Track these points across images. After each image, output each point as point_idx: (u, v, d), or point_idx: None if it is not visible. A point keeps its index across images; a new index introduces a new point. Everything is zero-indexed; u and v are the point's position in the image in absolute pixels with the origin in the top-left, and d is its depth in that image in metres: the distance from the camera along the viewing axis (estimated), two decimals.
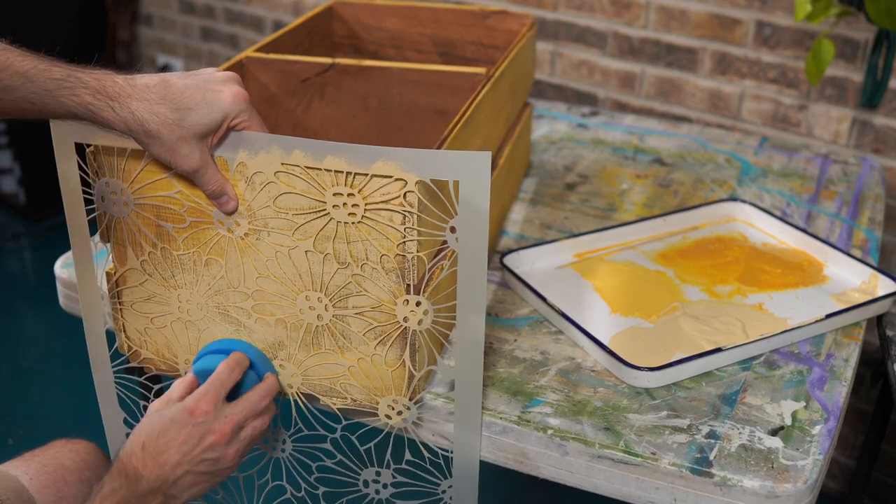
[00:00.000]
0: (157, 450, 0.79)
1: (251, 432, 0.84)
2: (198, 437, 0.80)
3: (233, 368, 0.86)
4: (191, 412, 0.80)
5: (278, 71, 1.16)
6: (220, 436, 0.81)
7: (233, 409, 0.83)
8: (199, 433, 0.80)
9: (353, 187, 0.80)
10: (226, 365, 0.86)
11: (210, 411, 0.81)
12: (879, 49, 1.53)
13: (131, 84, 0.79)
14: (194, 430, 0.80)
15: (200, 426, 0.80)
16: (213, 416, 0.81)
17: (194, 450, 0.80)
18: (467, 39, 1.37)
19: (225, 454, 0.82)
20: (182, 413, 0.80)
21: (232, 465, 0.83)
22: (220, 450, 0.81)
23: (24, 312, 2.43)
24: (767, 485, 0.82)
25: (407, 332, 0.86)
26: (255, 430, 0.85)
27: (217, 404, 0.82)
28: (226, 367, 0.85)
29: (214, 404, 0.82)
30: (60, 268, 1.14)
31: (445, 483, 0.92)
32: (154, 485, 0.79)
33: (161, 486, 0.79)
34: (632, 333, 1.03)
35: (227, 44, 2.58)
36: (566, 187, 1.40)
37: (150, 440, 0.79)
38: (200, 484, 0.82)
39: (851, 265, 1.15)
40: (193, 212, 0.87)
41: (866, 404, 1.75)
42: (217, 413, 0.82)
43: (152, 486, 0.78)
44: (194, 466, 0.80)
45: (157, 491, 0.79)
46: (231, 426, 0.82)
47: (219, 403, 0.82)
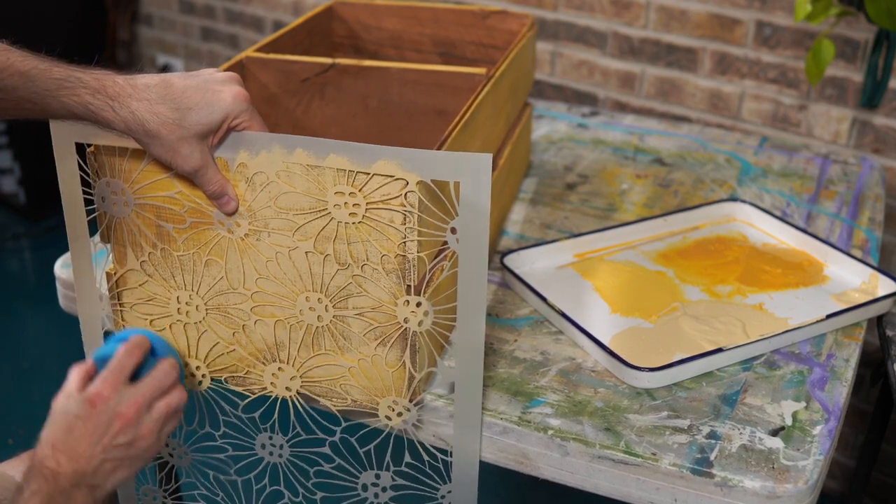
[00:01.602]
0: (69, 446, 0.77)
1: (164, 409, 0.82)
2: (104, 425, 0.78)
3: (131, 351, 0.83)
4: (91, 402, 0.78)
5: (278, 71, 1.16)
6: (125, 419, 0.79)
7: (136, 389, 0.81)
8: (104, 421, 0.78)
9: (354, 187, 0.80)
10: (124, 348, 0.83)
11: (110, 397, 0.79)
12: (879, 49, 1.53)
13: (131, 84, 0.79)
14: (99, 419, 0.78)
15: (104, 414, 0.78)
16: (116, 400, 0.79)
17: (104, 438, 0.78)
18: (467, 39, 1.37)
19: (138, 435, 0.80)
20: (83, 406, 0.78)
21: (151, 443, 0.81)
22: (132, 431, 0.79)
23: (24, 312, 2.43)
24: (768, 485, 0.82)
25: (407, 333, 0.85)
26: (169, 406, 0.82)
27: (118, 389, 0.79)
28: (124, 350, 0.83)
29: (114, 389, 0.79)
30: (60, 268, 1.14)
31: (445, 487, 0.92)
32: (74, 479, 0.77)
33: (82, 478, 0.77)
34: (632, 333, 1.03)
35: (227, 44, 2.58)
36: (566, 187, 1.40)
37: (58, 440, 0.77)
38: (123, 468, 0.80)
39: (851, 265, 1.15)
40: (194, 212, 0.87)
41: (866, 404, 1.75)
42: (119, 397, 0.79)
43: (73, 480, 0.77)
44: (109, 454, 0.78)
45: (80, 484, 0.77)
46: (136, 406, 0.80)
47: (119, 387, 0.80)
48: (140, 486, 1.06)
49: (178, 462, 1.02)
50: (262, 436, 0.96)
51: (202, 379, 0.95)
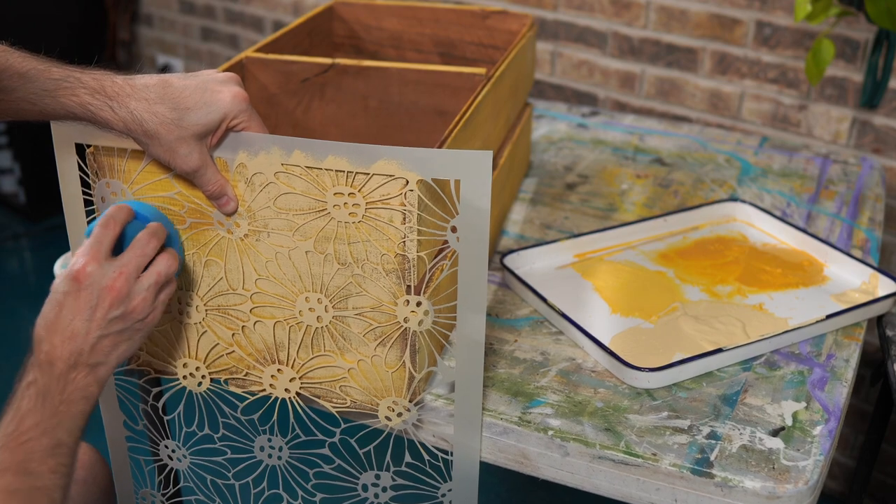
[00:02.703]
0: (61, 326, 0.75)
1: (154, 277, 0.80)
2: (94, 299, 0.76)
3: (107, 223, 0.80)
4: (76, 278, 0.76)
5: (278, 71, 1.16)
6: (115, 291, 0.77)
7: (119, 261, 0.78)
8: (93, 296, 0.76)
9: (354, 187, 0.80)
10: (100, 220, 0.80)
11: (94, 271, 0.76)
12: (879, 49, 1.53)
13: (130, 84, 0.79)
14: (87, 294, 0.76)
15: (91, 288, 0.76)
16: (101, 273, 0.77)
17: (96, 313, 0.76)
18: (467, 39, 1.37)
19: (132, 307, 0.78)
20: (68, 282, 0.76)
21: (148, 313, 0.80)
22: (124, 304, 0.77)
23: (24, 312, 2.43)
24: (768, 485, 0.82)
25: (407, 333, 0.85)
26: (159, 274, 0.81)
27: (100, 262, 0.77)
28: (100, 222, 0.80)
29: (97, 262, 0.77)
30: (60, 268, 1.14)
31: (445, 486, 0.92)
32: (71, 360, 0.75)
33: (79, 358, 0.75)
34: (632, 334, 1.03)
35: (227, 44, 2.58)
36: (566, 187, 1.40)
37: (49, 321, 0.76)
38: (124, 342, 0.79)
39: (852, 265, 1.15)
40: (193, 213, 0.87)
41: (866, 404, 1.75)
42: (103, 270, 0.77)
43: (69, 362, 0.75)
44: (105, 329, 0.77)
45: (78, 364, 0.76)
46: (123, 277, 0.77)
47: (102, 260, 0.77)
48: (139, 490, 1.06)
49: (178, 465, 1.02)
50: (261, 438, 0.96)
51: (202, 380, 0.95)
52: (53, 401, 0.74)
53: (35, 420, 0.73)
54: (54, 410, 0.74)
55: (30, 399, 0.74)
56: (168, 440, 1.02)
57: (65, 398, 0.75)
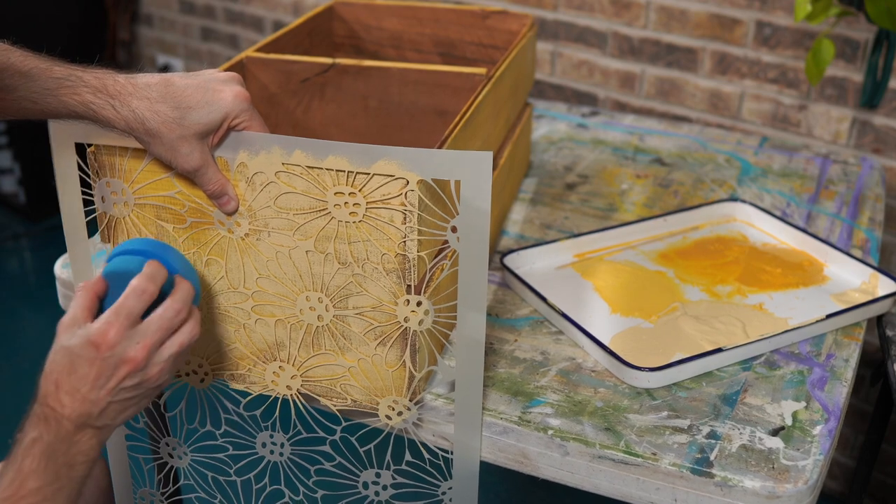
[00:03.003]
0: (73, 387, 0.73)
1: (175, 349, 0.78)
2: (111, 369, 0.74)
3: (142, 293, 0.77)
4: (96, 346, 0.73)
5: (278, 71, 1.16)
6: (133, 364, 0.75)
7: (144, 332, 0.76)
8: (110, 366, 0.74)
9: (354, 186, 0.81)
10: (133, 289, 0.77)
11: (117, 343, 0.74)
12: (879, 49, 1.53)
13: (132, 83, 0.79)
14: (104, 364, 0.74)
15: (110, 360, 0.74)
16: (123, 346, 0.74)
17: (109, 382, 0.74)
18: (467, 39, 1.37)
19: (146, 377, 0.76)
20: (87, 348, 0.73)
21: (160, 382, 0.78)
22: (139, 376, 0.75)
23: (24, 312, 2.43)
24: (768, 485, 0.82)
25: (407, 333, 0.86)
26: (181, 345, 0.78)
27: (125, 333, 0.75)
28: (133, 291, 0.76)
29: (122, 334, 0.74)
30: (60, 268, 1.14)
31: (445, 485, 0.92)
32: (79, 421, 0.73)
33: (87, 420, 0.74)
34: (632, 333, 1.03)
35: (227, 44, 2.58)
36: (566, 187, 1.40)
37: (62, 378, 0.73)
38: (130, 408, 0.77)
39: (851, 265, 1.15)
40: (194, 212, 0.87)
41: (866, 404, 1.75)
42: (126, 341, 0.74)
43: (77, 423, 0.73)
44: (115, 396, 0.75)
45: (85, 426, 0.74)
46: (145, 351, 0.75)
47: (127, 332, 0.75)
48: (137, 489, 1.06)
49: (178, 462, 1.02)
50: (263, 434, 0.96)
51: (204, 377, 0.95)
52: (57, 463, 0.72)
53: (37, 484, 0.71)
54: (57, 474, 0.72)
55: (33, 459, 0.71)
56: (169, 437, 1.02)
57: (68, 460, 0.73)
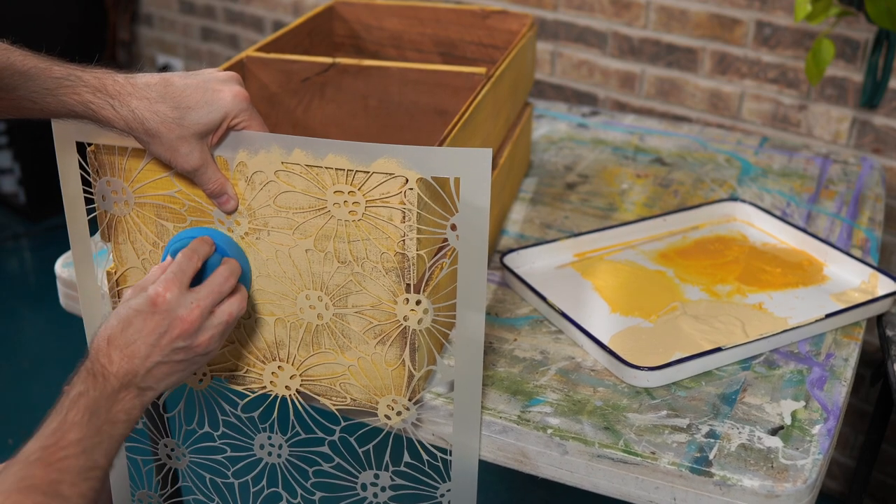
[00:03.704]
0: (125, 342, 0.76)
1: (225, 318, 0.81)
2: (165, 326, 0.77)
3: (191, 255, 0.81)
4: (153, 302, 0.77)
5: (279, 71, 1.16)
6: (187, 324, 0.77)
7: (196, 294, 0.79)
8: (165, 322, 0.77)
9: (354, 185, 0.81)
10: (184, 252, 0.81)
11: (172, 299, 0.77)
12: (879, 49, 1.53)
13: (131, 82, 0.79)
14: (160, 319, 0.76)
15: (165, 315, 0.77)
16: (177, 302, 0.77)
17: (162, 339, 0.76)
18: (467, 39, 1.37)
19: (196, 342, 0.79)
20: (145, 303, 0.77)
21: (208, 351, 0.80)
22: (190, 338, 0.78)
23: (24, 312, 2.43)
24: (767, 484, 0.82)
25: (407, 332, 0.86)
26: (230, 315, 0.81)
27: (180, 291, 0.78)
28: (184, 254, 0.81)
29: (177, 291, 0.78)
30: (60, 267, 1.14)
31: (444, 485, 0.92)
32: (125, 380, 0.75)
33: (132, 379, 0.76)
34: (632, 333, 1.03)
35: (227, 44, 2.58)
36: (566, 187, 1.40)
37: (115, 333, 0.76)
38: (176, 374, 0.79)
39: (851, 265, 1.15)
40: (194, 211, 0.87)
41: (866, 404, 1.75)
42: (181, 300, 0.78)
43: (123, 381, 0.75)
44: (166, 356, 0.77)
45: (129, 385, 0.75)
46: (198, 312, 0.78)
47: (182, 290, 0.78)
48: (136, 492, 1.06)
49: (176, 464, 1.02)
50: (261, 436, 0.96)
51: (202, 377, 0.95)
52: (100, 418, 0.73)
53: (78, 435, 0.72)
54: (98, 429, 0.73)
55: (77, 411, 0.73)
56: (167, 438, 1.02)
57: (110, 417, 0.74)
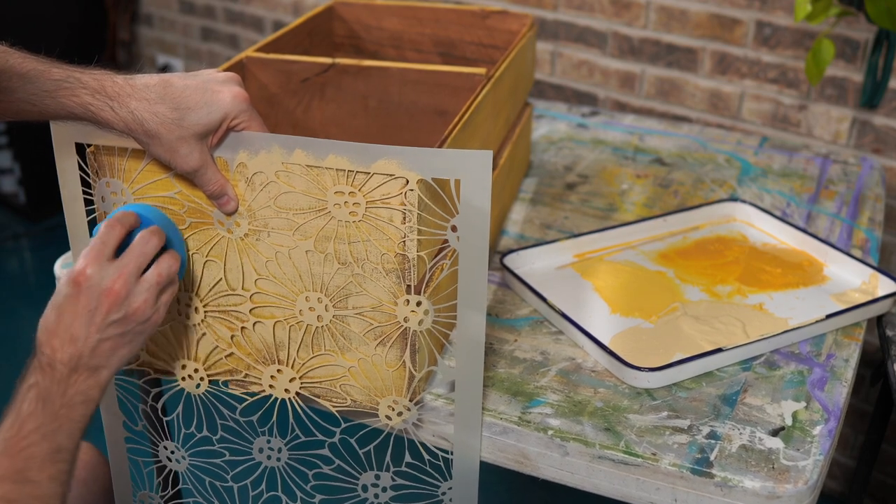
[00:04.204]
0: (61, 329, 0.75)
1: (155, 279, 0.79)
2: (94, 302, 0.75)
3: (112, 225, 0.79)
4: (76, 282, 0.75)
5: (278, 71, 1.16)
6: (114, 294, 0.76)
7: (118, 262, 0.77)
8: (93, 299, 0.75)
9: (354, 186, 0.80)
10: (104, 224, 0.79)
11: (94, 274, 0.76)
12: (879, 49, 1.53)
13: (130, 84, 0.79)
14: (87, 297, 0.75)
15: (91, 290, 0.75)
16: (100, 276, 0.76)
17: (95, 317, 0.75)
18: (467, 39, 1.37)
19: (130, 310, 0.77)
20: (68, 285, 0.76)
21: (147, 317, 0.79)
22: (122, 308, 0.76)
23: (24, 312, 2.43)
24: (768, 485, 0.82)
25: (407, 333, 0.85)
26: (160, 276, 0.80)
27: (100, 264, 0.76)
28: (104, 225, 0.79)
29: (97, 265, 0.76)
30: (60, 268, 1.14)
31: (445, 485, 0.92)
32: (71, 364, 0.75)
33: (79, 361, 0.75)
34: (632, 334, 1.03)
35: (227, 44, 2.58)
36: (566, 187, 1.40)
37: (49, 324, 0.75)
38: (124, 346, 0.78)
39: (851, 265, 1.15)
40: (193, 212, 0.87)
41: (866, 404, 1.75)
42: (103, 272, 0.76)
43: (70, 365, 0.74)
44: (104, 332, 0.76)
45: (78, 367, 0.75)
46: (123, 280, 0.76)
47: (102, 262, 0.76)
48: (137, 492, 1.06)
49: (177, 466, 1.02)
50: (261, 439, 0.96)
51: (200, 382, 0.95)
52: (54, 404, 0.74)
53: (35, 424, 0.72)
54: (55, 414, 0.73)
55: (30, 402, 0.73)
56: (167, 441, 1.02)
57: (66, 402, 0.74)
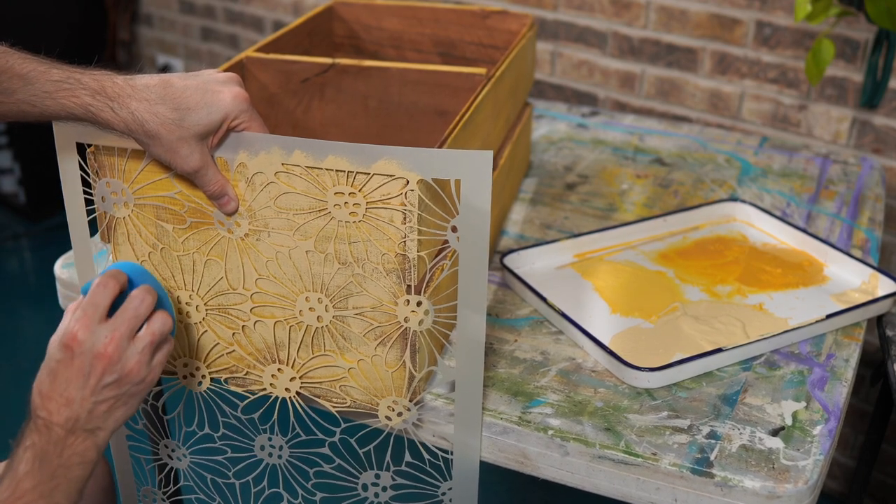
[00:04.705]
0: (56, 393, 0.75)
1: (148, 339, 0.79)
2: (87, 367, 0.75)
3: (105, 284, 0.78)
4: (67, 346, 0.75)
5: (278, 71, 1.16)
6: (106, 358, 0.75)
7: (111, 324, 0.77)
8: (86, 363, 0.75)
9: (354, 186, 0.81)
10: (96, 283, 0.78)
11: (86, 338, 0.75)
12: (879, 49, 1.53)
13: (131, 84, 0.79)
14: (80, 361, 0.75)
15: (83, 356, 0.75)
16: (92, 341, 0.75)
17: (89, 380, 0.75)
18: (467, 39, 1.37)
19: (126, 371, 0.77)
20: (61, 351, 0.75)
21: (142, 378, 0.78)
22: (117, 370, 0.76)
23: (24, 312, 2.43)
24: (768, 485, 0.82)
25: (407, 333, 0.85)
26: (153, 335, 0.79)
27: (92, 328, 0.76)
28: (96, 285, 0.78)
29: (89, 329, 0.76)
30: (60, 268, 1.14)
31: (445, 485, 0.92)
32: (68, 426, 0.74)
33: (76, 424, 0.75)
34: (632, 334, 1.03)
35: (227, 44, 2.58)
36: (566, 187, 1.40)
37: (44, 388, 0.75)
38: (120, 408, 0.77)
39: (851, 265, 1.15)
40: (194, 212, 0.87)
41: (866, 404, 1.75)
42: (95, 337, 0.76)
43: (66, 427, 0.74)
44: (99, 395, 0.75)
45: (75, 430, 0.75)
46: (115, 343, 0.76)
47: (93, 326, 0.76)
48: (140, 488, 1.06)
49: (177, 464, 1.03)
50: (262, 437, 0.96)
51: (202, 379, 0.95)
52: (51, 464, 0.73)
53: (32, 483, 0.72)
54: (52, 474, 0.73)
55: (27, 462, 0.73)
56: (167, 439, 1.02)
57: (62, 462, 0.74)
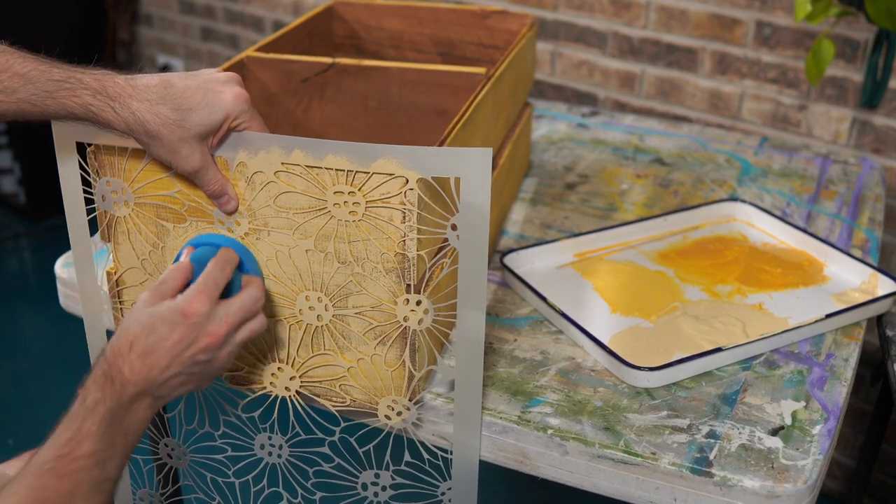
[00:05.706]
0: (147, 349, 0.74)
1: (247, 334, 0.80)
2: (191, 338, 0.75)
3: (223, 267, 0.80)
4: (184, 313, 0.75)
5: (278, 71, 1.16)
6: (214, 338, 0.76)
7: (228, 309, 0.78)
8: (192, 335, 0.75)
9: (354, 186, 0.81)
10: (216, 263, 0.79)
11: (204, 313, 0.76)
12: (879, 49, 1.53)
13: (132, 84, 0.79)
14: (188, 331, 0.75)
15: (194, 328, 0.75)
16: (208, 316, 0.76)
17: (186, 351, 0.75)
18: (467, 39, 1.37)
19: (217, 356, 0.78)
20: (174, 313, 0.75)
21: (222, 366, 0.79)
22: (213, 352, 0.77)
23: (24, 312, 2.43)
24: (767, 485, 0.82)
25: (407, 332, 0.86)
26: (251, 332, 0.80)
27: (212, 304, 0.77)
28: (216, 265, 0.79)
29: (209, 304, 0.76)
30: (60, 268, 1.14)
31: (445, 484, 0.92)
32: (141, 387, 0.73)
33: (148, 387, 0.74)
34: (632, 333, 1.03)
35: (227, 44, 2.58)
36: (566, 187, 1.40)
37: (138, 339, 0.74)
38: (189, 384, 0.78)
39: (851, 265, 1.15)
40: (194, 211, 0.87)
41: (866, 404, 1.75)
42: (212, 314, 0.76)
43: (140, 389, 0.73)
44: (186, 369, 0.76)
45: (145, 393, 0.74)
46: (227, 328, 0.77)
47: (213, 303, 0.77)
48: (137, 490, 1.06)
49: (177, 463, 1.03)
50: (262, 436, 0.96)
51: None
52: (115, 430, 0.72)
53: (92, 447, 0.71)
54: (112, 441, 0.72)
55: (93, 422, 0.71)
56: (168, 438, 1.02)
57: (124, 428, 0.73)
